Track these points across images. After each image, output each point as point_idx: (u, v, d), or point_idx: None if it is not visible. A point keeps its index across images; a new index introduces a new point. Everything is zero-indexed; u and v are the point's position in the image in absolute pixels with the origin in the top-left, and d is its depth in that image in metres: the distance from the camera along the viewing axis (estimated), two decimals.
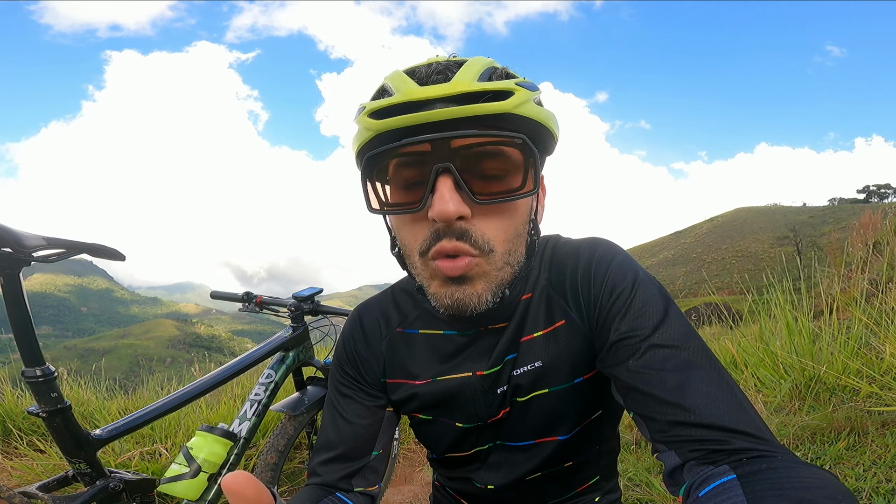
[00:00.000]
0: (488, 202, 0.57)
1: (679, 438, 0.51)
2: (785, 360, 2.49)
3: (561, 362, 0.67)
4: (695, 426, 0.50)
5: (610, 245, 0.68)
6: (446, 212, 0.55)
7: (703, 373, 0.54)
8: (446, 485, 0.86)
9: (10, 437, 2.26)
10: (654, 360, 0.55)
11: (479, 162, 0.57)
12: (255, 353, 1.40)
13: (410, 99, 0.55)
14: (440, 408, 0.74)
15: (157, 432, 2.30)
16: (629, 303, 0.60)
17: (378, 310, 0.79)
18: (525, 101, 0.57)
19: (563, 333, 0.67)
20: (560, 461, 0.73)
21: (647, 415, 0.54)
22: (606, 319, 0.62)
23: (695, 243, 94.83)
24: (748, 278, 3.30)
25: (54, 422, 0.94)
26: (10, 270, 0.87)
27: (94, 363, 3.40)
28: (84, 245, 0.97)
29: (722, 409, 0.51)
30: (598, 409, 0.71)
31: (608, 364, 0.60)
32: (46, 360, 0.94)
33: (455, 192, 0.55)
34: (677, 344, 0.56)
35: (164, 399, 1.17)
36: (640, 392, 0.55)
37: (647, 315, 0.59)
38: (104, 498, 1.00)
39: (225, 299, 1.63)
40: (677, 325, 0.58)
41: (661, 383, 0.54)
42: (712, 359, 0.56)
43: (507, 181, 0.58)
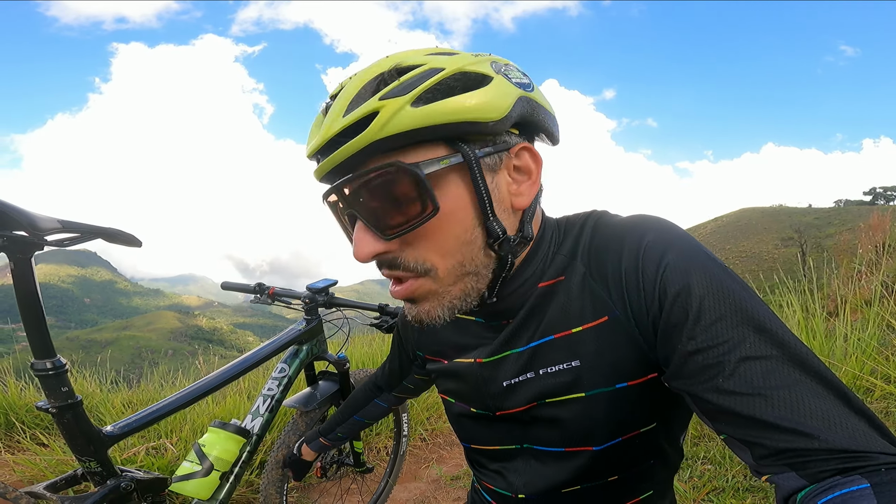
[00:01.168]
0: (394, 236, 0.54)
1: (796, 461, 0.44)
2: None
3: (602, 364, 0.60)
4: (818, 451, 0.43)
5: (664, 227, 0.58)
6: (360, 255, 0.55)
7: (815, 385, 0.46)
8: (482, 488, 0.82)
9: (12, 431, 2.24)
10: (752, 376, 0.47)
11: (374, 200, 0.54)
12: (269, 347, 1.36)
13: (308, 152, 0.57)
14: (459, 390, 0.75)
15: (163, 427, 2.28)
16: (700, 304, 0.51)
17: None
18: (394, 114, 0.51)
19: (605, 332, 0.60)
20: (602, 474, 0.66)
21: (752, 441, 0.47)
22: (669, 325, 0.53)
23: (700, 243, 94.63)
24: (753, 279, 3.25)
25: (64, 418, 0.91)
26: (21, 255, 0.83)
27: (96, 354, 3.38)
28: (100, 229, 0.92)
29: (848, 427, 0.44)
30: (652, 422, 0.63)
31: (686, 383, 0.51)
32: None
33: (367, 233, 0.55)
34: (775, 354, 0.47)
35: (178, 394, 1.14)
36: (738, 416, 0.47)
37: (728, 318, 0.50)
38: (115, 498, 0.96)
39: (237, 290, 1.60)
40: (771, 328, 0.49)
41: (767, 405, 0.46)
42: (819, 364, 0.48)
43: (407, 210, 0.53)
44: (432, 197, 0.53)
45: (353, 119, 0.51)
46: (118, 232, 0.96)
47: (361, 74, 0.55)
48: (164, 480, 1.04)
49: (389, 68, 0.54)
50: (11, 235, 0.81)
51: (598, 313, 0.60)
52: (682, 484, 1.64)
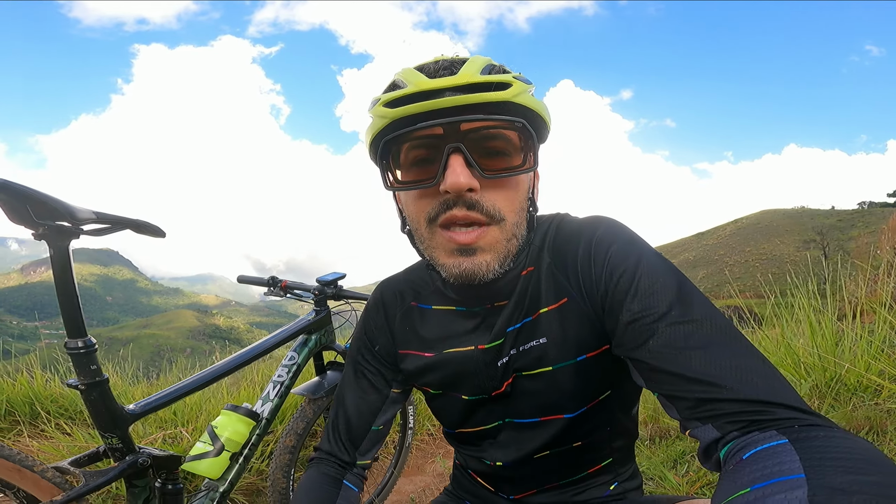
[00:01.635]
0: (494, 176, 0.64)
1: (713, 413, 0.50)
2: (807, 360, 2.45)
3: (565, 340, 0.69)
4: (729, 402, 0.50)
5: (612, 224, 0.70)
6: (458, 183, 0.61)
7: (730, 346, 0.53)
8: (463, 463, 0.89)
9: (38, 420, 2.30)
10: (676, 337, 0.55)
11: (484, 143, 0.64)
12: (280, 335, 1.44)
13: (422, 89, 0.62)
14: (447, 381, 0.78)
15: (180, 416, 2.36)
16: (636, 283, 0.61)
17: (397, 286, 0.86)
18: (522, 92, 0.63)
19: (567, 312, 0.69)
20: (568, 440, 0.74)
21: (676, 395, 0.54)
22: (614, 301, 0.62)
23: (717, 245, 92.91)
24: (773, 281, 3.23)
25: (92, 395, 0.97)
26: (61, 242, 0.91)
27: (118, 352, 3.50)
28: (129, 221, 1.00)
29: (756, 382, 0.50)
30: (607, 389, 0.72)
31: (626, 347, 0.60)
32: None
33: (465, 167, 0.62)
34: (697, 318, 0.56)
35: (194, 377, 1.21)
36: (665, 373, 0.54)
37: (659, 293, 0.59)
38: (132, 473, 1.02)
39: (252, 283, 1.68)
40: (694, 299, 0.58)
41: (687, 361, 0.53)
42: (734, 331, 0.55)
43: (510, 159, 0.65)
44: (536, 156, 0.66)
45: (493, 79, 0.62)
46: (145, 223, 1.05)
47: (475, 57, 0.66)
48: (178, 458, 1.11)
49: (495, 64, 0.67)
50: (53, 225, 0.89)
51: (559, 296, 0.70)
52: (677, 477, 1.68)
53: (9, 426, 2.23)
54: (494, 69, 0.66)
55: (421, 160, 0.66)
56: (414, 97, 0.62)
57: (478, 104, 0.61)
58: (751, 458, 0.44)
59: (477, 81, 0.61)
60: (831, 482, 0.37)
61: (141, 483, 1.04)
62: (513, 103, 0.62)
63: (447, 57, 0.68)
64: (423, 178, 0.65)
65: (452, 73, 0.63)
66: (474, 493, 0.87)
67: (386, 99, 0.64)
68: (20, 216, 0.85)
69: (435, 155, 0.64)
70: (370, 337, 0.86)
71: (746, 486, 0.41)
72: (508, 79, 0.63)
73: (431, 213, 0.66)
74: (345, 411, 0.84)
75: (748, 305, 3.90)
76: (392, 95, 0.64)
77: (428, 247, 0.69)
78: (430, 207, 0.66)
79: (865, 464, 0.39)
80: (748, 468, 0.43)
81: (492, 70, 0.65)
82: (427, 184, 0.64)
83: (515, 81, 0.63)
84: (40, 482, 0.88)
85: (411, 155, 0.66)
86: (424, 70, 0.65)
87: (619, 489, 0.79)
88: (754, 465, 0.43)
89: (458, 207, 0.63)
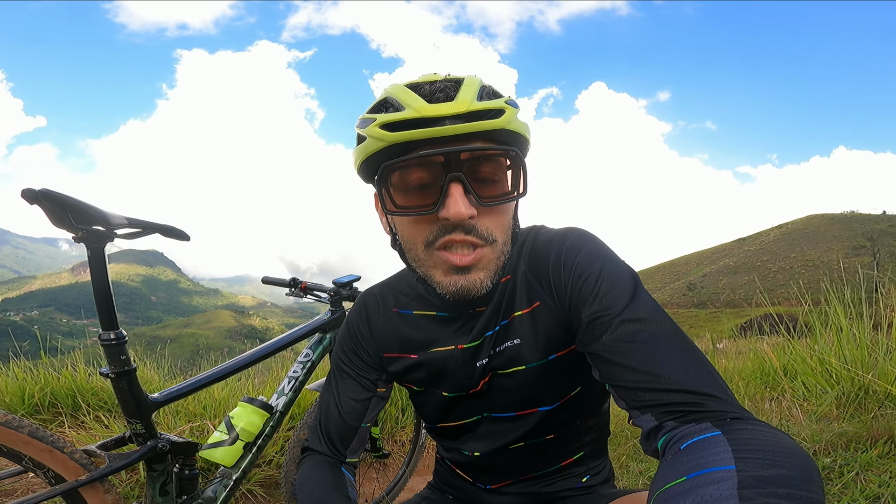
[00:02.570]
0: (491, 204, 0.67)
1: (652, 402, 0.56)
2: (836, 369, 2.38)
3: (536, 340, 0.74)
4: (666, 391, 0.55)
5: (581, 234, 0.75)
6: (460, 213, 0.64)
7: (671, 343, 0.59)
8: (444, 456, 0.94)
9: (79, 411, 2.43)
10: (625, 333, 0.61)
11: (479, 169, 0.67)
12: (296, 333, 1.52)
13: (422, 115, 0.63)
14: (430, 379, 0.83)
15: (208, 411, 2.48)
16: (598, 286, 0.66)
17: (379, 294, 0.91)
18: (513, 118, 0.67)
19: (539, 314, 0.75)
20: (542, 433, 0.79)
21: (621, 384, 0.59)
22: (578, 302, 0.68)
23: (760, 251, 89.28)
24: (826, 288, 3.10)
25: (120, 382, 1.06)
26: (96, 245, 1.00)
27: (161, 350, 3.67)
28: (157, 226, 1.10)
29: (691, 374, 0.56)
30: (577, 385, 0.78)
31: (585, 343, 0.66)
32: None
33: (464, 196, 0.65)
34: (645, 317, 0.61)
35: (214, 369, 1.30)
36: (613, 364, 0.60)
37: (616, 295, 0.64)
38: (152, 457, 1.10)
39: (274, 284, 1.77)
40: (645, 302, 0.64)
41: (632, 354, 0.59)
42: (679, 332, 0.61)
43: (502, 185, 0.69)
44: (526, 182, 0.69)
45: (488, 107, 0.65)
46: (171, 228, 1.15)
47: (468, 80, 0.68)
48: (195, 445, 1.19)
49: (485, 85, 0.70)
50: (89, 229, 0.99)
51: (531, 300, 0.76)
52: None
53: (52, 417, 2.39)
54: (486, 92, 0.69)
55: (420, 186, 0.67)
56: (413, 123, 0.63)
57: (475, 132, 0.64)
58: (688, 448, 0.48)
59: (474, 109, 0.64)
60: (758, 474, 0.41)
61: (160, 467, 1.12)
62: (507, 130, 0.66)
63: (439, 77, 0.70)
64: (422, 205, 0.67)
65: (448, 97, 0.65)
66: (454, 484, 0.92)
67: (383, 121, 0.64)
68: (61, 221, 0.96)
69: (432, 180, 0.66)
70: (354, 341, 0.89)
71: (682, 476, 0.44)
72: (501, 105, 0.65)
73: (430, 238, 0.68)
74: (332, 413, 0.87)
75: (790, 314, 3.78)
76: (389, 118, 0.64)
77: (424, 266, 0.71)
78: (428, 232, 0.68)
79: (788, 457, 0.43)
80: (685, 458, 0.47)
81: (485, 93, 0.68)
82: (427, 210, 0.66)
83: (507, 107, 0.66)
84: (68, 463, 0.96)
85: (408, 179, 0.67)
86: (419, 90, 0.67)
87: (589, 482, 0.84)
88: (690, 455, 0.47)
89: (457, 232, 0.67)
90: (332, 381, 0.91)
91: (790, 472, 0.41)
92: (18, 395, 2.43)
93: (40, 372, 2.62)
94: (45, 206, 0.93)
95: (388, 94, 0.69)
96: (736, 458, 0.43)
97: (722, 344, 5.08)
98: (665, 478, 0.46)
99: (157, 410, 1.17)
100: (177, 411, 2.38)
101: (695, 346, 0.60)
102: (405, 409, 2.92)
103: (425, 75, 0.72)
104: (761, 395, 2.68)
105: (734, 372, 3.10)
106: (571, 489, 0.83)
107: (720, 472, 0.42)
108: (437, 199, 0.65)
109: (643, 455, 2.14)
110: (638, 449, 2.23)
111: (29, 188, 0.90)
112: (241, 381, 3.01)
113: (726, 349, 4.51)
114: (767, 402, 2.51)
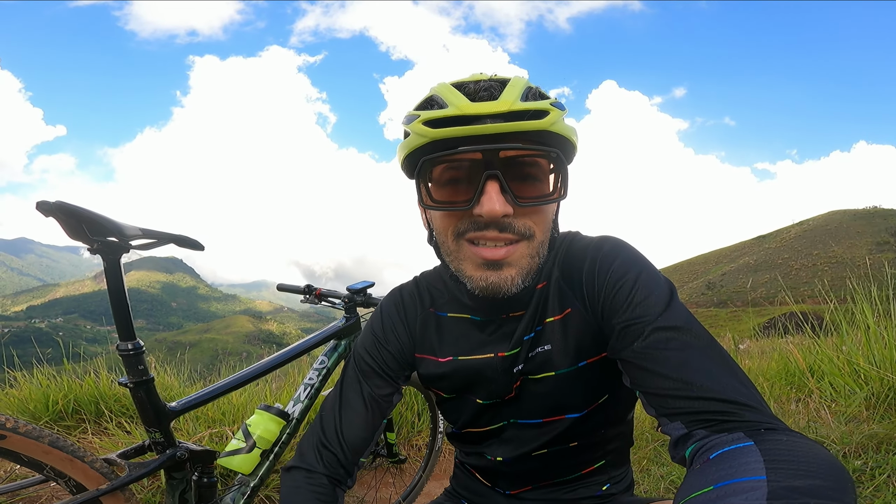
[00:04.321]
0: (527, 205, 0.66)
1: (682, 410, 0.55)
2: (864, 369, 2.31)
3: (567, 347, 0.74)
4: (697, 399, 0.54)
5: (617, 242, 0.75)
6: (494, 210, 0.64)
7: (705, 353, 0.58)
8: (464, 461, 0.92)
9: (101, 418, 2.46)
10: (658, 340, 0.60)
11: (520, 170, 0.67)
12: (311, 340, 1.52)
13: (464, 113, 0.64)
14: (464, 385, 0.82)
15: (227, 417, 2.50)
16: (633, 294, 0.66)
17: (415, 290, 0.89)
18: (557, 120, 0.66)
19: (570, 321, 0.74)
20: (566, 440, 0.79)
21: (651, 391, 0.58)
22: (611, 310, 0.67)
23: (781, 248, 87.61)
24: (853, 286, 3.02)
25: (139, 392, 1.08)
26: (112, 256, 1.02)
27: (181, 355, 3.72)
28: (171, 236, 1.11)
29: (724, 383, 0.54)
30: (605, 393, 0.77)
31: (617, 349, 0.65)
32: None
33: (500, 194, 0.65)
34: (680, 326, 0.60)
35: (231, 377, 1.31)
36: (644, 370, 0.59)
37: (651, 304, 0.64)
38: (171, 465, 1.11)
39: (289, 291, 1.78)
40: (680, 312, 0.63)
41: (665, 361, 0.58)
42: (714, 342, 0.60)
43: (542, 186, 0.68)
44: (566, 185, 0.69)
45: (532, 107, 0.65)
46: (185, 238, 1.15)
47: (514, 80, 0.69)
48: (213, 453, 1.20)
49: (532, 87, 0.70)
50: (105, 241, 1.00)
51: (563, 307, 0.75)
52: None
53: (75, 423, 2.43)
54: (532, 93, 0.69)
55: (457, 181, 0.69)
56: (455, 120, 0.65)
57: (516, 132, 0.64)
58: (717, 458, 0.47)
59: (517, 109, 0.64)
60: (789, 484, 0.39)
61: (179, 475, 1.13)
62: (549, 132, 0.65)
63: (486, 76, 0.71)
64: (458, 200, 0.68)
65: (492, 97, 0.66)
66: (472, 489, 0.91)
67: (426, 118, 0.66)
68: (77, 233, 0.97)
69: (470, 177, 0.67)
70: (382, 337, 0.86)
71: (710, 485, 0.43)
72: (546, 106, 0.65)
73: (461, 229, 0.69)
74: (349, 416, 0.82)
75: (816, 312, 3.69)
76: (432, 115, 0.66)
77: (455, 259, 0.72)
78: (459, 223, 0.69)
79: (821, 467, 0.41)
80: (714, 467, 0.46)
81: (529, 95, 0.68)
82: (462, 206, 0.67)
83: (552, 109, 0.65)
84: (89, 472, 0.97)
85: (446, 175, 0.69)
86: (464, 89, 0.68)
87: (610, 490, 0.83)
88: (720, 465, 0.45)
89: (490, 230, 0.67)
90: (351, 383, 0.85)
91: (822, 483, 0.40)
92: (42, 402, 2.47)
93: (63, 379, 2.67)
94: (61, 218, 0.94)
95: (434, 91, 0.71)
96: (767, 468, 0.42)
97: (745, 344, 4.98)
98: (692, 487, 0.45)
99: (176, 419, 1.17)
100: (196, 417, 2.40)
101: (730, 357, 0.59)
102: (421, 413, 2.91)
103: (473, 74, 0.73)
104: (787, 395, 2.61)
105: (758, 372, 3.03)
106: (591, 497, 0.82)
107: (750, 482, 0.41)
108: (473, 195, 0.66)
109: (665, 459, 2.11)
110: (659, 453, 2.19)
111: (44, 201, 0.91)
112: (258, 387, 3.03)
113: (749, 349, 4.41)
114: (794, 403, 2.45)
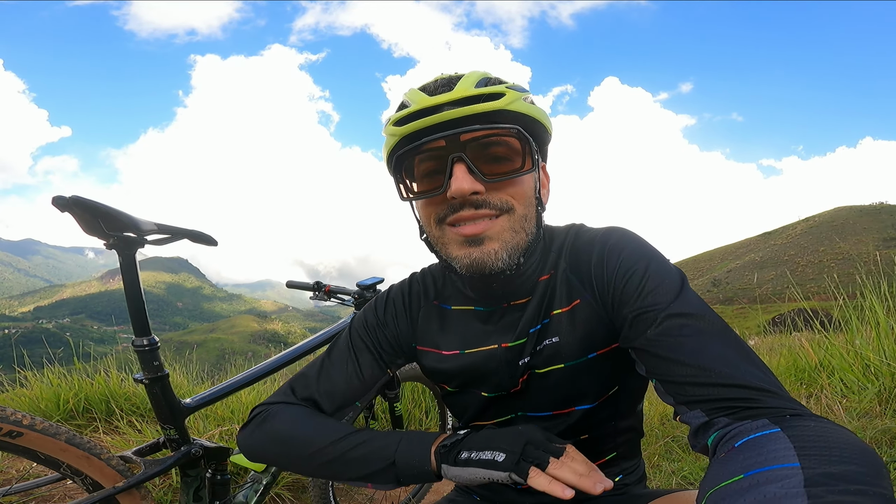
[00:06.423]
0: (496, 180, 0.69)
1: (701, 398, 0.54)
2: (875, 364, 2.30)
3: (575, 338, 0.73)
4: (717, 386, 0.53)
5: (624, 233, 0.75)
6: (462, 188, 0.67)
7: (720, 339, 0.58)
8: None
9: (112, 416, 2.48)
10: (672, 327, 0.60)
11: (486, 150, 0.69)
12: (320, 337, 1.52)
13: (423, 106, 0.69)
14: (468, 379, 0.81)
15: (236, 415, 2.51)
16: (643, 283, 0.66)
17: (423, 281, 0.91)
18: (515, 100, 0.69)
19: (579, 313, 0.74)
20: (576, 433, 0.78)
21: (668, 379, 0.58)
22: (622, 300, 0.67)
23: (787, 245, 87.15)
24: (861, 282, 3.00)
25: (154, 388, 1.07)
26: (128, 251, 1.02)
27: (189, 355, 3.74)
28: (186, 231, 1.11)
29: (743, 369, 0.54)
30: (615, 385, 0.76)
31: (630, 338, 0.64)
32: None
33: (468, 174, 0.68)
34: (693, 313, 0.60)
35: (242, 374, 1.31)
36: (659, 358, 0.59)
37: (662, 291, 0.63)
38: (186, 462, 1.11)
39: (299, 288, 1.78)
40: (692, 299, 0.63)
41: (679, 347, 0.57)
42: (728, 328, 0.60)
43: (511, 163, 0.70)
44: (534, 157, 0.71)
45: (486, 91, 0.69)
46: (199, 233, 1.16)
47: (470, 73, 0.73)
48: (227, 450, 1.20)
49: (490, 77, 0.74)
50: (121, 235, 1.00)
51: (571, 299, 0.75)
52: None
53: (86, 422, 2.45)
54: (490, 81, 0.73)
55: (430, 171, 0.72)
56: (417, 114, 0.69)
57: (474, 115, 0.67)
58: (743, 445, 0.46)
59: (471, 94, 0.68)
60: (825, 470, 0.39)
61: (193, 472, 1.13)
62: (507, 111, 0.68)
63: (446, 75, 0.75)
64: (433, 188, 0.72)
65: (450, 90, 0.70)
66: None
67: (394, 118, 0.72)
68: (93, 228, 0.97)
69: (442, 165, 0.70)
70: (382, 319, 0.87)
71: (739, 473, 0.42)
72: (501, 89, 0.69)
73: (441, 214, 0.72)
74: (333, 376, 0.83)
75: (825, 308, 3.66)
76: (399, 115, 0.71)
77: (441, 245, 0.75)
78: (438, 209, 0.72)
79: (855, 453, 0.41)
80: (741, 455, 0.45)
81: (487, 83, 0.72)
82: (436, 192, 0.71)
83: (508, 91, 0.69)
84: (105, 469, 0.97)
85: (422, 167, 0.73)
86: (426, 89, 0.73)
87: (623, 481, 0.82)
88: (748, 453, 0.45)
89: (466, 209, 0.70)
90: (342, 346, 0.86)
91: (858, 469, 0.39)
92: (54, 401, 2.49)
93: (74, 378, 2.68)
94: (77, 213, 0.94)
95: (404, 96, 0.76)
96: (799, 455, 0.41)
97: (752, 341, 4.95)
98: (719, 476, 0.44)
99: (190, 416, 1.17)
100: (206, 415, 2.41)
101: (745, 343, 0.58)
102: (429, 410, 2.91)
103: (437, 76, 0.77)
104: (797, 392, 2.60)
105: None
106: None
107: (783, 469, 0.41)
108: (443, 181, 0.69)
109: (676, 455, 2.10)
110: (670, 448, 2.18)
111: (60, 196, 0.91)
112: (265, 385, 3.04)
113: (757, 346, 4.39)
114: (804, 398, 2.43)
